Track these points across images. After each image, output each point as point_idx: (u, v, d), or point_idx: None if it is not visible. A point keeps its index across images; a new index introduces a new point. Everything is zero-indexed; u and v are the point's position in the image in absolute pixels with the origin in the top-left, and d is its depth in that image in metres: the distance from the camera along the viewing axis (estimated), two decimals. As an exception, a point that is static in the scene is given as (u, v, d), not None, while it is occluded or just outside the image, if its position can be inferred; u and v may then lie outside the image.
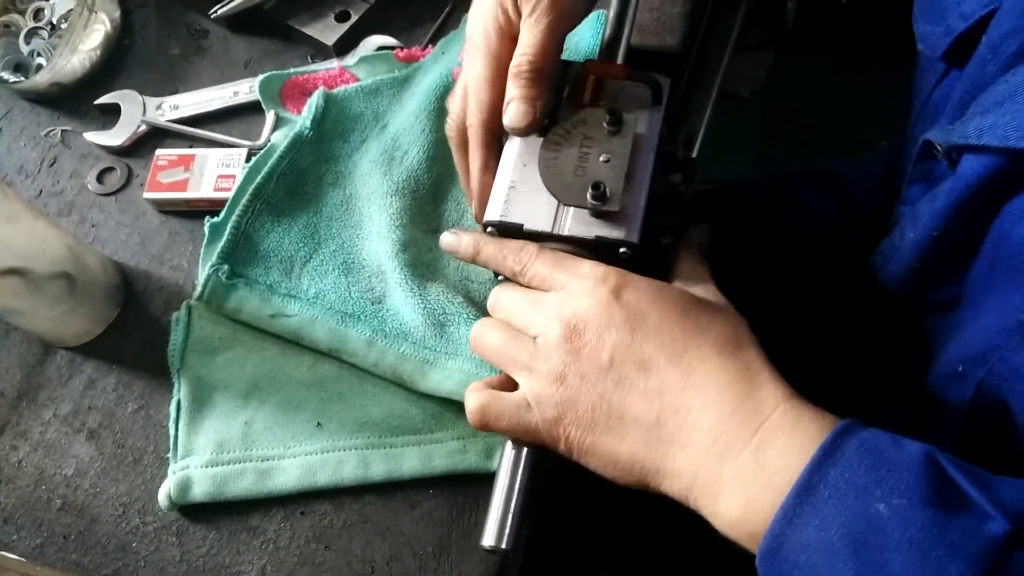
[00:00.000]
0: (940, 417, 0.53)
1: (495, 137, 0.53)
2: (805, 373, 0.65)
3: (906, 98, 0.62)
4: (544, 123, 0.51)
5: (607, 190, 0.48)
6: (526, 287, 0.50)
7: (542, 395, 0.46)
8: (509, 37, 0.51)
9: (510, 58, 0.50)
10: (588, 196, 0.48)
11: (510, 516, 0.47)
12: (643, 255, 0.49)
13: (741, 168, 1.68)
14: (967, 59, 0.49)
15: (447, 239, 0.53)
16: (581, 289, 0.46)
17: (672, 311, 0.45)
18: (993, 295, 0.47)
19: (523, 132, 0.51)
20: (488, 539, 0.46)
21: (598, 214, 0.49)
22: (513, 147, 0.53)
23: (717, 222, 0.79)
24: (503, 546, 0.46)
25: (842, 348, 0.68)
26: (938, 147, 0.48)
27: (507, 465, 0.48)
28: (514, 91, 0.49)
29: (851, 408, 0.60)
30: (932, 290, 0.53)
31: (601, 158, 0.50)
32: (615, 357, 0.45)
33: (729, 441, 0.42)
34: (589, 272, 0.47)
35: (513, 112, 0.49)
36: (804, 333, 0.71)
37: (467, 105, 0.53)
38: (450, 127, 0.55)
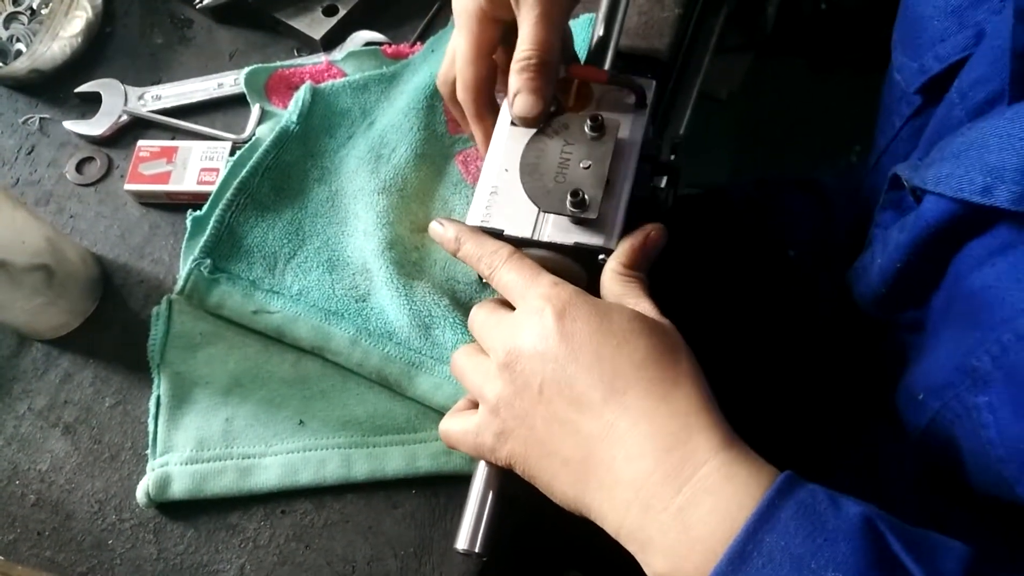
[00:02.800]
0: (900, 436, 0.54)
1: (487, 110, 0.55)
2: (776, 379, 0.65)
3: (876, 114, 0.63)
4: (550, 111, 0.52)
5: (586, 197, 0.48)
6: (500, 299, 0.51)
7: (484, 422, 0.46)
8: (491, 19, 0.52)
9: (493, 38, 0.53)
10: (567, 203, 0.48)
11: (483, 520, 0.47)
12: None
13: (717, 170, 1.69)
14: (939, 99, 0.50)
15: (435, 228, 0.53)
16: (527, 311, 0.46)
17: (609, 344, 0.43)
18: (950, 330, 0.47)
19: (532, 123, 0.51)
20: (462, 542, 0.47)
21: (578, 221, 0.50)
22: (495, 151, 0.53)
23: (698, 226, 0.80)
24: (476, 550, 0.46)
25: (817, 355, 0.69)
26: (905, 182, 0.48)
27: (481, 471, 0.48)
28: (519, 83, 0.50)
29: (824, 416, 0.61)
30: (898, 313, 0.54)
31: (582, 164, 0.50)
32: (545, 391, 0.43)
33: (650, 499, 0.40)
34: (540, 292, 0.46)
35: (521, 103, 0.50)
36: (780, 338, 0.72)
37: (455, 76, 0.55)
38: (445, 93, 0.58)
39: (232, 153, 0.66)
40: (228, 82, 0.71)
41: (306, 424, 0.57)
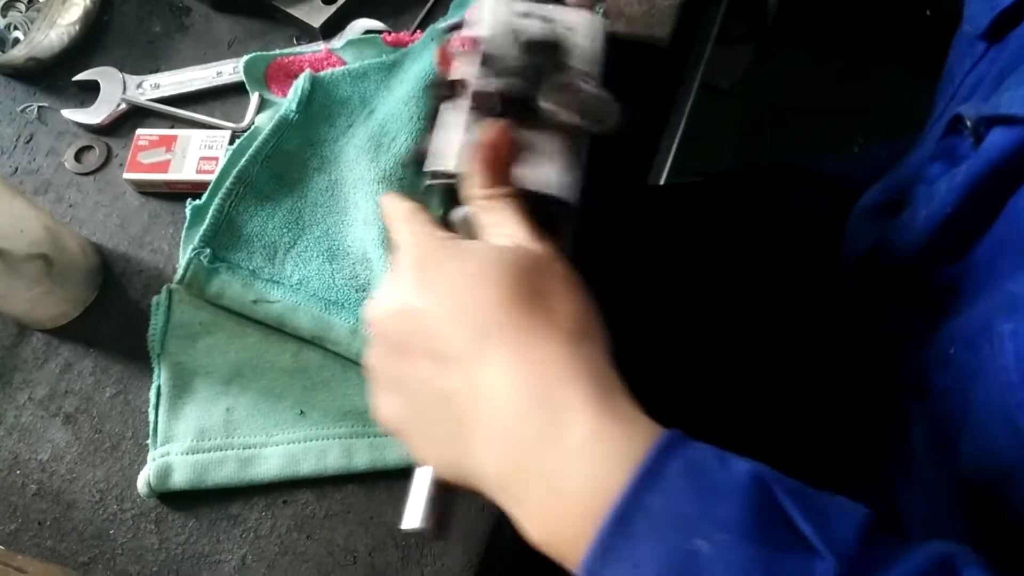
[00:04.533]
0: (905, 432, 0.53)
1: None
2: (779, 372, 0.65)
3: (878, 105, 0.63)
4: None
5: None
6: None
7: (372, 391, 0.44)
8: None
9: None
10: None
11: (426, 495, 0.43)
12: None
13: (719, 160, 1.69)
14: (1006, 36, 0.49)
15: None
16: (393, 266, 0.43)
17: (469, 289, 0.39)
18: (995, 278, 0.45)
19: None
20: (408, 522, 0.43)
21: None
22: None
23: (699, 215, 0.80)
24: (418, 525, 0.43)
25: (822, 347, 0.69)
26: (968, 121, 0.47)
27: None
28: None
29: (829, 404, 0.59)
30: (935, 270, 0.52)
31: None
32: (410, 351, 0.40)
33: (521, 462, 0.36)
34: (400, 241, 0.43)
35: None
36: (783, 329, 0.71)
37: None
38: None
39: (231, 142, 0.65)
40: (227, 70, 0.70)
41: (307, 414, 0.57)
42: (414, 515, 0.43)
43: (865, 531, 0.33)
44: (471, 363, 0.38)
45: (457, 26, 0.53)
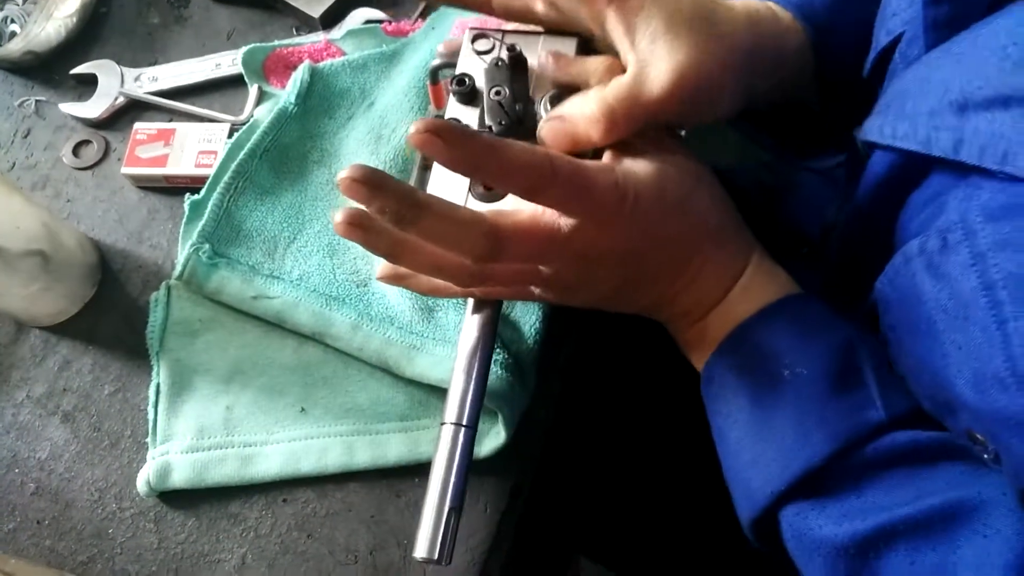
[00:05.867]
0: None
1: None
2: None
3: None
4: None
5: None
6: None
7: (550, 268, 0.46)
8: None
9: None
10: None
11: (443, 525, 0.43)
12: None
13: (725, 153, 1.67)
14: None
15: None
16: (601, 209, 0.44)
17: (673, 216, 0.45)
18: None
19: None
20: (420, 551, 0.42)
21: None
22: None
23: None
24: (435, 557, 0.42)
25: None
26: (857, 142, 0.48)
27: (439, 473, 0.45)
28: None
29: None
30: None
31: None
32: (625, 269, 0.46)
33: (695, 297, 0.47)
34: (614, 180, 0.43)
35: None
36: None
37: None
38: None
39: (230, 135, 0.64)
40: (226, 62, 0.69)
41: (308, 411, 0.56)
42: (428, 545, 0.43)
43: (919, 409, 0.41)
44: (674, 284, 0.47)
45: (446, 66, 0.53)
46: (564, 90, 0.48)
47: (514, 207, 0.43)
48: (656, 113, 0.44)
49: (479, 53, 0.51)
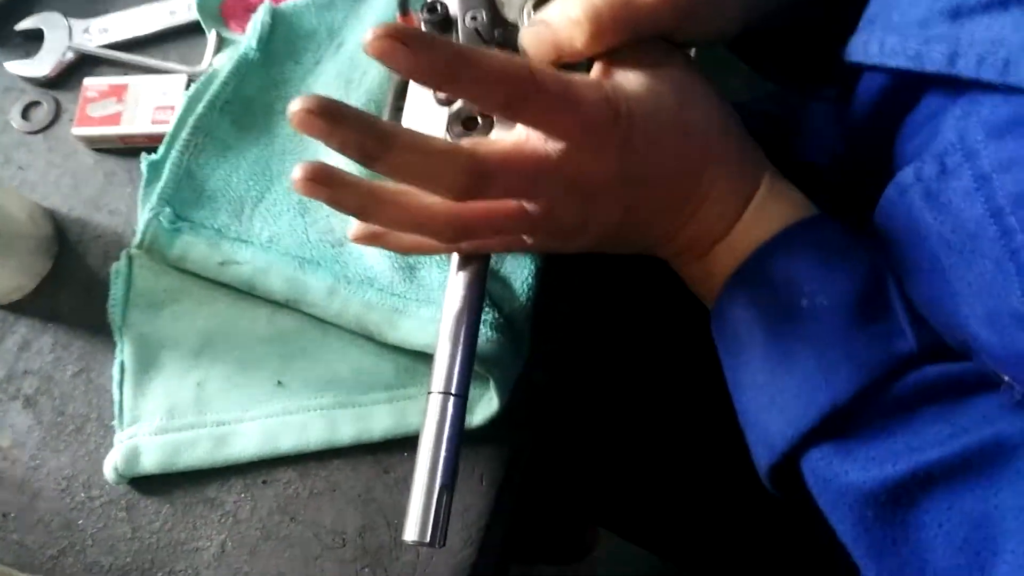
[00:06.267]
0: None
1: None
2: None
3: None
4: None
5: None
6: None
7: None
8: None
9: None
10: None
11: (432, 507, 0.39)
12: None
13: (734, 84, 1.60)
14: None
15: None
16: (586, 135, 0.39)
17: (673, 133, 0.40)
18: None
19: None
20: (410, 534, 0.39)
21: None
22: None
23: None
24: (427, 540, 0.39)
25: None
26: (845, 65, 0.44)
27: (427, 448, 0.41)
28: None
29: None
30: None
31: None
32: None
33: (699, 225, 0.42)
34: (602, 98, 0.39)
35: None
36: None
37: None
38: None
39: (188, 88, 0.59)
40: (181, 8, 0.63)
41: (285, 385, 0.52)
42: (418, 527, 0.38)
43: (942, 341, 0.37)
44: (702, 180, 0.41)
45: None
46: None
47: (486, 139, 0.38)
48: (650, 19, 0.39)
49: None
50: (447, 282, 0.44)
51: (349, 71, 0.57)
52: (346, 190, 0.37)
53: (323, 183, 0.36)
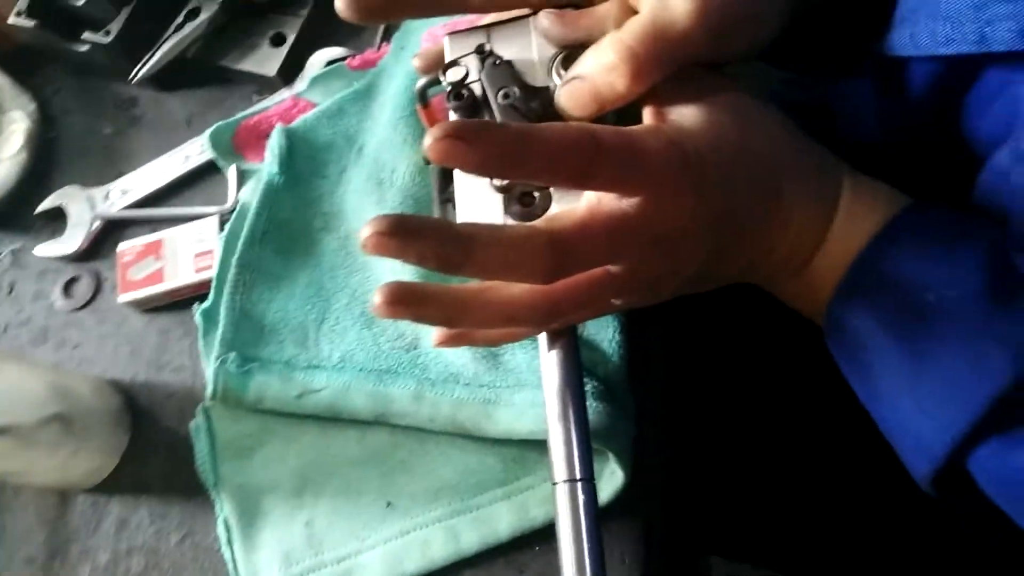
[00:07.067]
0: None
1: None
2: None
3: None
4: None
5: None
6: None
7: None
8: None
9: None
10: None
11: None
12: None
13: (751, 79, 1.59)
14: None
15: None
16: (656, 195, 0.37)
17: (743, 161, 0.38)
18: None
19: None
20: None
21: None
22: None
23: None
24: None
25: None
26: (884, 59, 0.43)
27: (568, 543, 0.39)
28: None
29: None
30: None
31: None
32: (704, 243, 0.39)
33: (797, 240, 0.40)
34: (666, 157, 0.37)
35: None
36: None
37: None
38: None
39: (222, 228, 0.58)
40: (194, 152, 0.63)
41: (394, 505, 0.50)
42: None
43: None
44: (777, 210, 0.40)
45: (433, 82, 0.47)
46: (574, 49, 0.41)
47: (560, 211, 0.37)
48: (686, 48, 0.37)
49: (469, 55, 0.44)
50: (539, 362, 0.42)
51: (377, 172, 0.56)
52: (430, 304, 0.35)
53: (406, 303, 0.34)
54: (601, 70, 0.37)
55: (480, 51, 0.42)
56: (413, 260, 0.32)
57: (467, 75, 0.42)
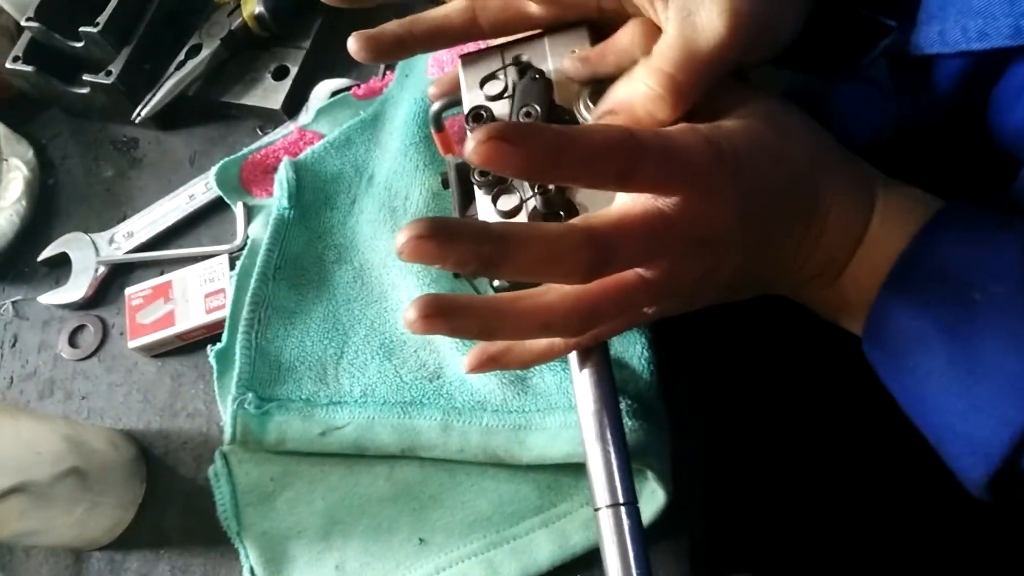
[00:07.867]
0: None
1: None
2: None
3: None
4: None
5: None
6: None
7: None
8: None
9: None
10: None
11: None
12: None
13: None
14: None
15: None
16: (700, 188, 0.37)
17: (780, 171, 0.38)
18: None
19: None
20: None
21: None
22: None
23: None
24: None
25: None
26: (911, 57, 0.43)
27: (616, 570, 0.37)
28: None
29: None
30: None
31: None
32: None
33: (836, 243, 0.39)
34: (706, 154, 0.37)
35: None
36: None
37: None
38: None
39: (232, 266, 0.57)
40: (199, 190, 0.62)
41: (427, 541, 0.48)
42: None
43: None
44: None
45: (448, 106, 0.46)
46: (601, 82, 0.40)
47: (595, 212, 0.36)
48: (722, 66, 0.37)
49: (508, 66, 0.43)
50: (569, 384, 0.41)
51: (390, 200, 0.55)
52: (466, 315, 0.34)
53: (441, 315, 0.33)
54: (641, 100, 0.37)
55: (517, 63, 0.42)
56: (452, 263, 0.31)
57: (506, 88, 0.42)
